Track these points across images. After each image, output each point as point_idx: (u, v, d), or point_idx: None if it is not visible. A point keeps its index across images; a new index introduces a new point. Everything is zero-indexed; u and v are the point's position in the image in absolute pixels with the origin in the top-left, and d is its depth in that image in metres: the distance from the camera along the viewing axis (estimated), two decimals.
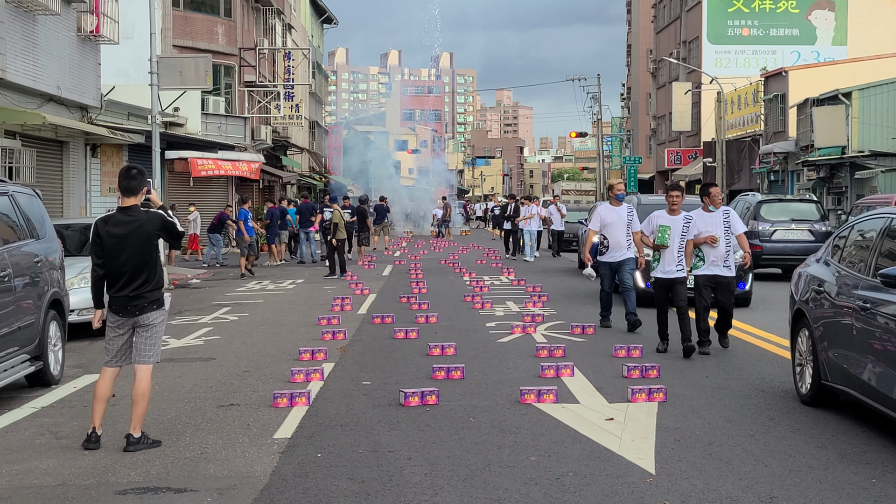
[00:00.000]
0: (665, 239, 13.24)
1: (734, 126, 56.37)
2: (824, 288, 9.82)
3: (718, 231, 13.35)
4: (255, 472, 7.68)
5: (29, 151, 22.79)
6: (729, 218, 13.51)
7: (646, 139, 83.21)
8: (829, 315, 9.56)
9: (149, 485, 7.41)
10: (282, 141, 54.03)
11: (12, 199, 11.83)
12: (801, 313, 10.30)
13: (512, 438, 8.62)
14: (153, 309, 8.61)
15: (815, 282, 10.10)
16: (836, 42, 62.38)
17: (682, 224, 13.30)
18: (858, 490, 7.10)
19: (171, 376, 11.86)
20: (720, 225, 13.41)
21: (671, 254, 13.26)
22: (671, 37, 71.13)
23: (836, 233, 10.65)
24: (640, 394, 10.08)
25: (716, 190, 13.80)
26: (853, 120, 41.70)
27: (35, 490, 7.34)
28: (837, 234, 10.51)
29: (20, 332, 10.86)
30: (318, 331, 15.52)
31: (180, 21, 41.60)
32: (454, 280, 25.83)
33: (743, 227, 13.74)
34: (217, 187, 41.75)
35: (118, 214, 8.67)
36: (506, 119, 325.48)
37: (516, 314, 17.88)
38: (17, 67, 21.69)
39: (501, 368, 12.23)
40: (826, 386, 9.53)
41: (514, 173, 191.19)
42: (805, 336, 10.18)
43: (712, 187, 13.86)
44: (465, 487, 7.20)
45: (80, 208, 26.51)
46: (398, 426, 9.11)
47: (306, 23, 69.26)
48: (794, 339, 10.52)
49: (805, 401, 9.97)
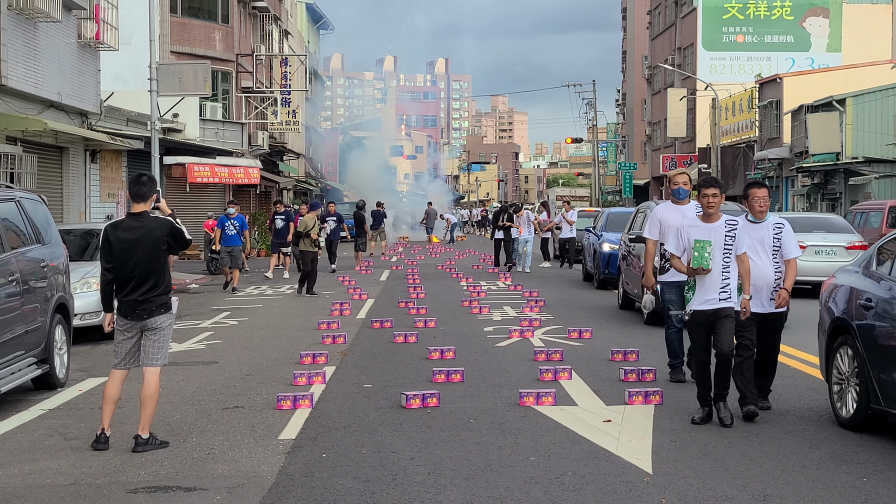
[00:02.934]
0: (706, 260, 9.33)
1: (729, 132, 56.61)
2: (876, 303, 8.81)
3: (761, 251, 9.84)
4: (262, 472, 7.86)
5: (30, 157, 22.99)
6: (781, 234, 9.89)
7: (641, 145, 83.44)
8: (885, 333, 8.55)
9: (159, 484, 7.59)
10: (278, 146, 54.20)
11: (19, 204, 12.01)
12: (843, 329, 9.38)
13: (512, 439, 8.81)
14: (161, 313, 8.79)
15: (862, 296, 9.10)
16: (830, 49, 62.67)
17: (725, 233, 9.48)
18: (850, 489, 7.29)
19: (175, 379, 12.04)
20: (766, 242, 9.85)
21: (713, 276, 9.44)
22: (666, 43, 71.39)
23: (879, 242, 9.75)
24: (636, 396, 10.27)
25: (762, 192, 9.91)
26: (847, 126, 41.96)
27: (48, 489, 7.52)
28: (882, 243, 9.62)
29: (27, 335, 11.04)
30: (319, 335, 15.71)
31: (178, 27, 41.77)
32: (451, 285, 26.01)
33: (797, 251, 10.05)
34: (214, 193, 41.88)
35: (128, 220, 8.87)
36: (501, 125, 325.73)
37: (514, 319, 18.07)
38: (19, 74, 21.87)
39: (500, 372, 12.41)
40: (876, 410, 8.69)
41: (509, 179, 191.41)
42: (848, 354, 9.21)
43: (757, 187, 10.00)
44: (468, 486, 7.39)
45: (79, 214, 26.68)
46: (400, 428, 9.30)
47: (303, 29, 69.48)
48: (832, 356, 9.55)
49: (845, 424, 9.11)
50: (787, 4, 63.23)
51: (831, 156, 42.09)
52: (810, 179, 44.64)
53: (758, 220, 9.83)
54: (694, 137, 62.93)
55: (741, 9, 63.57)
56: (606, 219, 26.77)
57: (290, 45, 58.32)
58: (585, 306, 20.45)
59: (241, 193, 44.77)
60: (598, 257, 24.72)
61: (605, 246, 24.08)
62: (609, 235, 24.29)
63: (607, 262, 23.79)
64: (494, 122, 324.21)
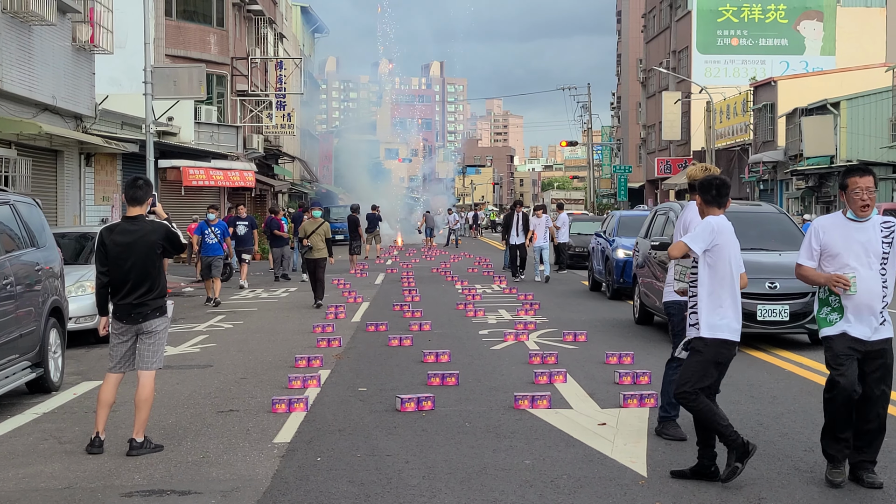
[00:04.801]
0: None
1: (724, 135, 56.70)
2: None
3: (865, 258, 7.52)
4: (257, 476, 7.86)
5: (24, 160, 22.98)
6: (893, 234, 7.56)
7: (636, 148, 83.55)
8: None
9: (153, 487, 7.58)
10: (273, 150, 54.21)
11: (13, 208, 11.99)
12: None
13: (507, 443, 8.81)
14: (156, 316, 8.79)
15: None
16: (824, 52, 62.80)
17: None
18: (844, 492, 7.30)
19: (170, 383, 12.03)
20: (874, 243, 7.52)
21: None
22: (661, 46, 71.51)
23: None
24: (631, 399, 10.28)
25: (866, 181, 7.50)
26: (841, 129, 42.07)
27: (42, 493, 7.51)
28: None
29: (21, 339, 11.02)
30: (314, 338, 15.70)
31: (173, 30, 41.77)
32: (446, 288, 26.01)
33: None
34: (209, 196, 41.90)
35: (123, 223, 8.87)
36: (496, 128, 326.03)
37: (509, 322, 18.07)
38: (13, 77, 21.85)
39: (495, 375, 12.42)
40: None
41: (504, 182, 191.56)
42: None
43: (859, 175, 7.56)
44: (463, 489, 7.39)
45: (74, 217, 26.66)
46: (395, 431, 9.30)
47: (298, 32, 69.51)
48: None
49: None
50: (781, 7, 63.37)
51: (826, 159, 42.20)
52: (805, 182, 44.75)
53: (860, 219, 7.53)
54: (689, 140, 63.03)
55: (735, 12, 63.69)
56: (618, 222, 24.89)
57: (285, 49, 58.35)
58: (580, 309, 20.45)
59: (236, 196, 44.76)
60: (610, 265, 22.82)
61: (619, 252, 22.27)
62: (622, 241, 22.65)
63: (622, 270, 21.96)
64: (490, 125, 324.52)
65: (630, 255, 20.58)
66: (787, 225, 16.59)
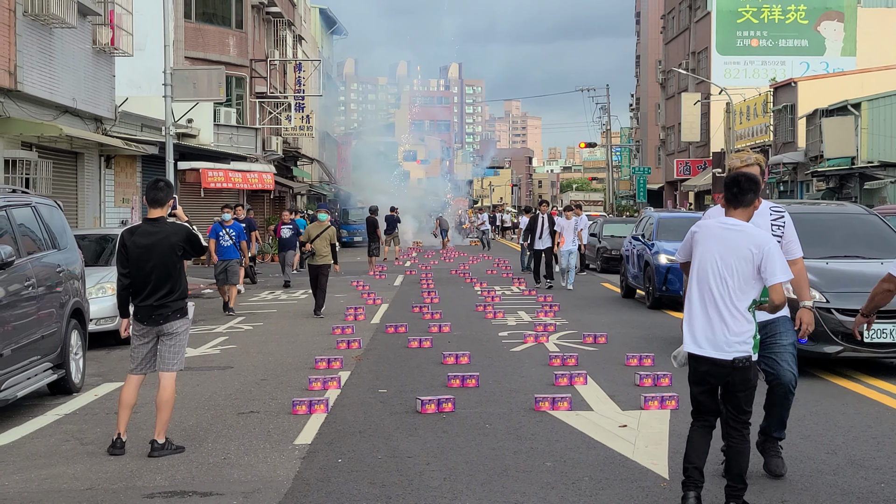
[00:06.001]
0: None
1: (743, 136, 56.48)
2: None
3: None
4: (278, 477, 7.87)
5: (45, 163, 23.07)
6: None
7: (655, 150, 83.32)
8: None
9: (175, 489, 7.60)
10: (292, 152, 54.32)
11: (35, 210, 12.04)
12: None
13: (528, 444, 8.79)
14: (177, 318, 8.81)
15: None
16: (845, 53, 62.50)
17: None
18: (867, 494, 7.26)
19: (190, 384, 12.05)
20: None
21: None
22: (680, 48, 71.30)
23: None
24: (652, 401, 10.25)
25: None
26: (862, 130, 41.83)
27: (65, 494, 7.53)
28: None
29: (43, 340, 11.06)
30: (333, 340, 15.72)
31: (192, 33, 41.90)
32: (465, 290, 25.99)
33: None
34: (229, 198, 41.99)
35: (144, 225, 8.90)
36: (514, 129, 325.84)
37: (528, 323, 18.04)
38: (34, 80, 21.95)
39: (515, 377, 12.40)
40: None
41: (522, 183, 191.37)
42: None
43: None
44: (484, 491, 7.38)
45: (94, 219, 26.76)
46: (416, 433, 9.30)
47: (316, 34, 69.63)
48: None
49: None
50: (801, 8, 63.10)
51: (846, 160, 41.97)
52: (825, 184, 44.53)
53: None
54: (708, 142, 62.82)
55: (755, 13, 63.45)
56: (658, 225, 23.03)
57: (303, 51, 58.46)
58: (599, 311, 20.42)
59: (255, 198, 44.88)
60: (650, 271, 21.38)
61: (661, 258, 20.85)
62: (664, 245, 21.23)
63: (665, 277, 20.70)
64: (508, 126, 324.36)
65: (674, 261, 18.54)
66: (880, 228, 14.04)
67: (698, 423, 6.88)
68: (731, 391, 6.72)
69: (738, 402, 6.73)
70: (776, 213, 7.85)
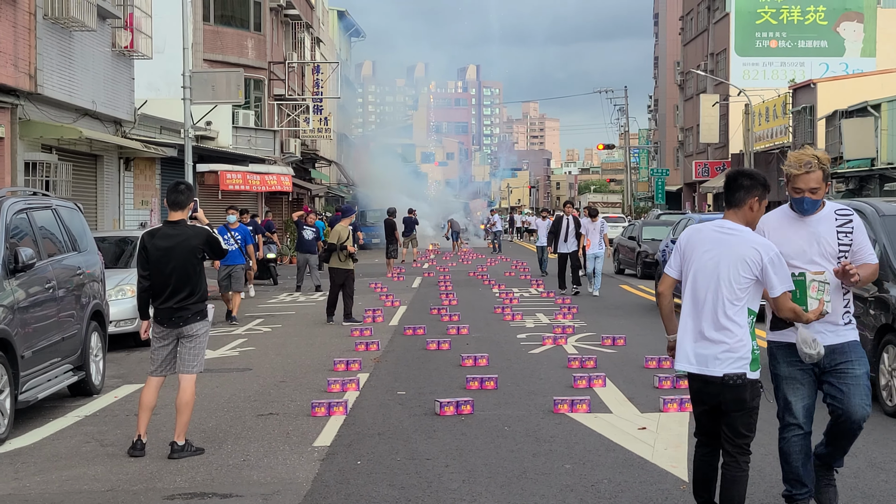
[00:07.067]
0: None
1: (762, 138, 56.29)
2: None
3: None
4: (298, 479, 7.89)
5: (65, 165, 23.17)
6: None
7: (673, 151, 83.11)
8: None
9: (195, 490, 7.63)
10: (310, 154, 54.41)
11: (55, 212, 12.11)
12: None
13: (547, 447, 8.79)
14: (197, 320, 8.85)
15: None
16: (864, 54, 62.21)
17: None
18: (889, 497, 7.24)
19: (210, 386, 12.09)
20: None
21: None
22: (699, 49, 71.12)
23: None
24: (671, 404, 10.23)
25: None
26: (882, 132, 41.62)
27: (86, 495, 7.57)
28: None
29: (63, 342, 11.12)
30: (352, 342, 15.74)
31: (211, 35, 42.01)
32: (483, 292, 25.99)
33: None
34: (247, 199, 42.09)
35: (164, 228, 8.94)
36: (532, 131, 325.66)
37: (547, 326, 18.03)
38: (54, 82, 22.05)
39: (534, 379, 12.39)
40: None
41: (540, 185, 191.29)
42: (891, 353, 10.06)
43: None
44: (503, 494, 7.38)
45: (113, 221, 26.86)
46: (434, 435, 9.30)
47: (334, 36, 69.76)
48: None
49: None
50: (820, 9, 62.85)
51: (866, 161, 41.77)
52: (845, 185, 44.33)
53: None
54: (727, 143, 62.64)
55: (774, 14, 63.22)
56: None
57: (321, 53, 58.55)
58: (617, 313, 20.38)
59: (273, 201, 44.94)
60: None
61: None
62: None
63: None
64: (526, 128, 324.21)
65: None
66: None
67: (700, 444, 6.39)
68: (724, 411, 6.09)
69: (734, 425, 6.08)
70: (843, 219, 6.90)
